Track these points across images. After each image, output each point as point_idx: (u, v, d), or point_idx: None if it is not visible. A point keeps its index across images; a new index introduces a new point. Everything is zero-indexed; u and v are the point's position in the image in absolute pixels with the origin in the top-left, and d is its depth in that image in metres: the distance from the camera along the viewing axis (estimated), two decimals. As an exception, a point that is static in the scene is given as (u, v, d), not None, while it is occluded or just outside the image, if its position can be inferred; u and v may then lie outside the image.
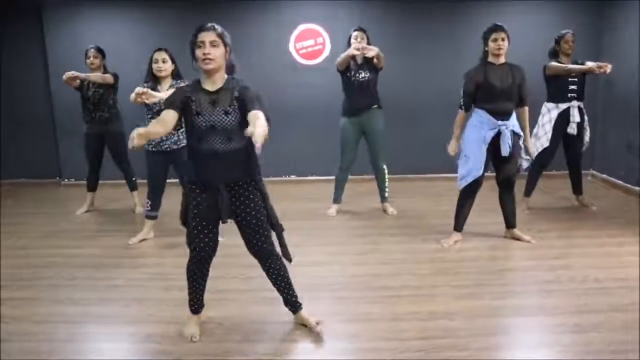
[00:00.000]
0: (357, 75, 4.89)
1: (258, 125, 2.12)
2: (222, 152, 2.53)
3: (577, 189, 5.33)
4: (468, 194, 4.22)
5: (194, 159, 2.60)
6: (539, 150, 4.99)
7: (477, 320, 3.01)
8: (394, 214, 5.20)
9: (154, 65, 4.15)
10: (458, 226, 4.32)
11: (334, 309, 3.20)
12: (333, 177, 5.32)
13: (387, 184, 5.23)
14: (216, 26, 2.51)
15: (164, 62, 4.15)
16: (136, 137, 2.23)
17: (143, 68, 4.28)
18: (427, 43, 6.54)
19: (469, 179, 4.09)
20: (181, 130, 4.24)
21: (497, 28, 3.93)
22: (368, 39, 4.88)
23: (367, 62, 4.90)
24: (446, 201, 5.63)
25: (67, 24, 6.59)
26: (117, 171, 5.60)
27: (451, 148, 4.16)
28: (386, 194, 5.27)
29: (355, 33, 4.86)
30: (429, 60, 6.57)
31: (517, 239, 4.32)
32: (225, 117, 2.51)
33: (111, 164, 5.56)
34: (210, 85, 2.55)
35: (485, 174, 4.12)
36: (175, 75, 4.25)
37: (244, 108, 2.47)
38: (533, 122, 4.96)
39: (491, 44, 3.94)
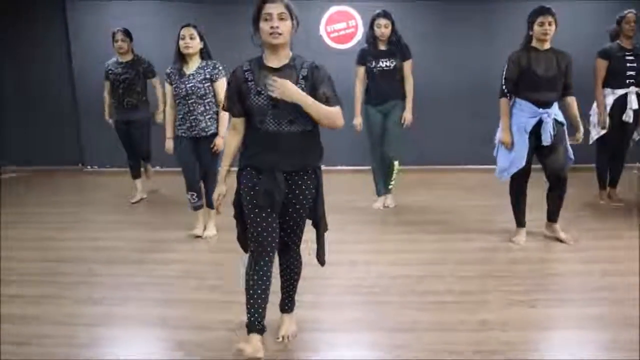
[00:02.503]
0: (377, 63, 4.61)
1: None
2: (285, 134, 2.29)
3: (614, 181, 5.03)
4: (517, 189, 3.93)
5: (252, 142, 2.37)
6: (595, 137, 4.75)
7: (533, 333, 2.73)
8: (393, 206, 4.95)
9: (181, 42, 3.89)
10: (519, 222, 4.04)
11: (374, 316, 2.93)
12: (361, 168, 5.05)
13: (393, 177, 4.92)
14: None
15: (191, 38, 3.88)
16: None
17: (167, 48, 4.06)
18: (458, 29, 6.22)
19: (512, 170, 3.80)
20: (209, 116, 4.01)
21: (544, 11, 3.62)
22: (393, 24, 4.54)
23: (392, 50, 4.59)
24: (481, 195, 5.38)
25: (90, 4, 6.38)
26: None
27: (505, 139, 3.80)
28: (390, 186, 4.96)
29: (379, 20, 4.51)
30: (460, 47, 6.24)
31: (556, 236, 4.01)
32: None
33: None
34: (274, 62, 2.32)
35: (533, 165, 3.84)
36: (205, 54, 4.00)
37: (312, 90, 2.29)
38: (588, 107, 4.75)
39: (537, 28, 3.63)
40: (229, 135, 2.47)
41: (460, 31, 6.20)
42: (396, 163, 4.85)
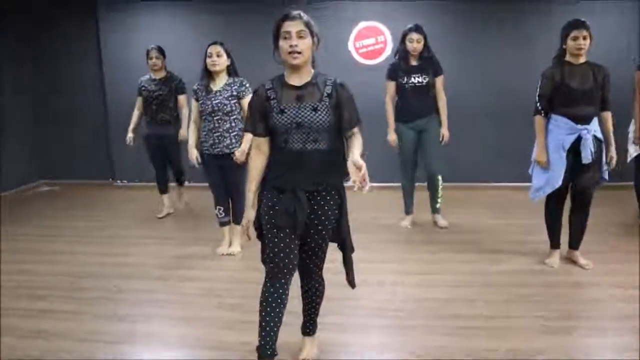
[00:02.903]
0: (409, 79, 4.52)
1: (359, 171, 2.04)
2: (309, 152, 2.25)
3: None
4: (553, 209, 3.78)
5: (276, 162, 2.32)
6: (634, 155, 4.56)
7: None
8: (446, 227, 4.79)
9: (208, 60, 3.91)
10: (554, 244, 3.89)
11: (400, 340, 2.84)
12: (390, 185, 4.94)
13: (440, 194, 4.79)
14: (302, 14, 2.22)
15: (218, 56, 3.90)
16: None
17: (196, 64, 4.07)
18: (492, 41, 6.07)
19: (547, 190, 3.65)
20: (234, 134, 3.99)
21: (578, 24, 3.48)
22: (425, 39, 4.46)
23: (423, 66, 4.51)
24: (515, 214, 5.19)
25: (122, 19, 6.52)
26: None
27: (540, 158, 3.67)
28: (438, 205, 4.84)
29: (412, 35, 4.43)
30: (494, 58, 6.09)
31: (575, 262, 3.84)
32: (313, 114, 2.23)
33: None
34: (296, 80, 2.28)
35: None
36: (232, 71, 4.00)
37: (337, 109, 2.26)
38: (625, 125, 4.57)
39: (570, 43, 3.50)
40: (253, 157, 2.41)
41: (494, 42, 6.06)
42: (440, 178, 4.74)
